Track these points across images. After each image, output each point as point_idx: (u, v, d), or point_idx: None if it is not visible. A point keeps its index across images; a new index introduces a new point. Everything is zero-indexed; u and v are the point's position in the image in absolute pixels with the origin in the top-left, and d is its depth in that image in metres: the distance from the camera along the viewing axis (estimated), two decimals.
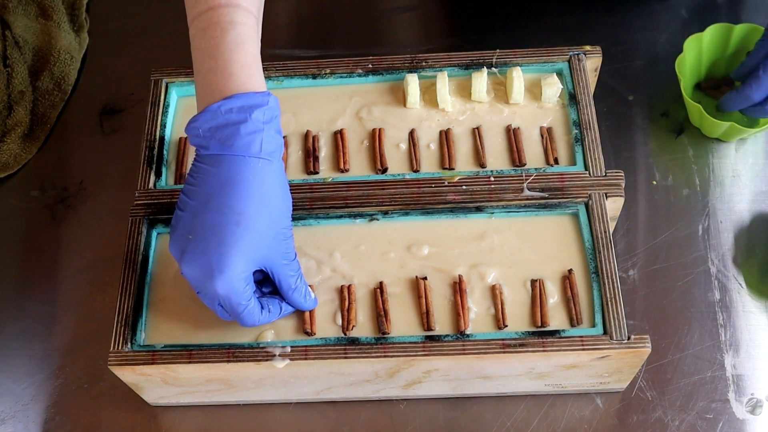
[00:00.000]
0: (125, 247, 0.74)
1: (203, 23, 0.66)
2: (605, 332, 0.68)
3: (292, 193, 0.76)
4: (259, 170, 0.64)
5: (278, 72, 0.82)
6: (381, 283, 0.73)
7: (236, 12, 0.65)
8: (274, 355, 0.69)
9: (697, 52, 0.90)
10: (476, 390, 0.76)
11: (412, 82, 0.80)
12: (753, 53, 0.85)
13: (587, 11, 1.00)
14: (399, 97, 0.82)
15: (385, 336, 0.70)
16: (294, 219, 0.75)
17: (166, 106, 0.82)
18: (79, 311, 0.84)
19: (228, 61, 0.65)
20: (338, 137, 0.80)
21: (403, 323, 0.71)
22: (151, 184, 0.78)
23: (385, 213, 0.76)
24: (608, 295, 0.70)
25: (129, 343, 0.70)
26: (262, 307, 0.68)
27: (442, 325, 0.71)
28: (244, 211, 0.63)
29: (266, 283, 0.71)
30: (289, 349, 0.69)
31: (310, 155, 0.79)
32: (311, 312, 0.71)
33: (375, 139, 0.79)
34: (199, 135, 0.64)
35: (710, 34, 0.90)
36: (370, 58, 0.83)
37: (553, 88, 0.79)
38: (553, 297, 0.71)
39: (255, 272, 0.68)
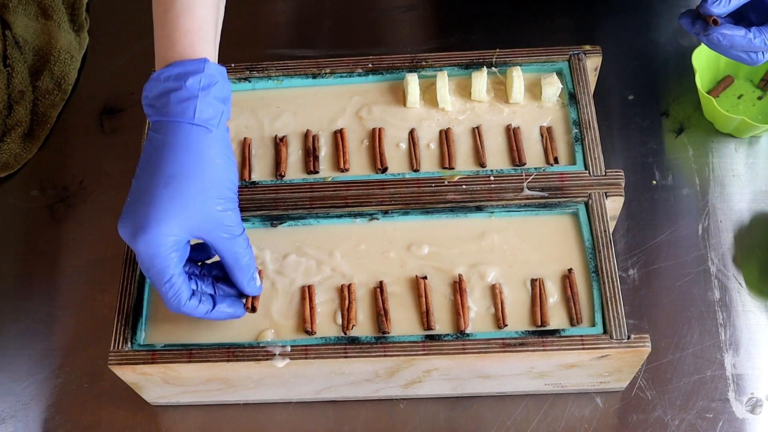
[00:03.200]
0: (125, 247, 0.74)
1: None
2: (605, 331, 0.69)
3: (292, 192, 0.76)
4: (193, 136, 0.64)
5: (278, 72, 0.82)
6: (381, 282, 0.73)
7: None
8: (274, 355, 0.69)
9: None
10: (476, 389, 0.76)
11: (412, 82, 0.80)
12: None
13: (587, 11, 1.00)
14: (399, 96, 0.82)
15: (385, 335, 0.70)
16: (294, 218, 0.76)
17: None
18: (79, 311, 0.84)
19: (173, 27, 0.65)
20: (338, 137, 0.80)
21: (403, 322, 0.71)
22: None
23: (385, 212, 0.76)
24: (608, 295, 0.70)
25: (129, 343, 0.70)
26: (193, 294, 0.66)
27: (442, 324, 0.71)
28: (174, 174, 0.63)
29: (216, 267, 0.70)
30: (289, 349, 0.69)
31: (310, 155, 0.79)
32: (311, 311, 0.71)
33: (375, 138, 0.79)
34: (146, 103, 0.66)
35: None
36: (370, 57, 0.83)
37: (553, 88, 0.80)
38: (553, 296, 0.71)
39: (197, 254, 0.68)
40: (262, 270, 0.74)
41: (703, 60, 0.89)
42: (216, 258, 0.70)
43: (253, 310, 0.71)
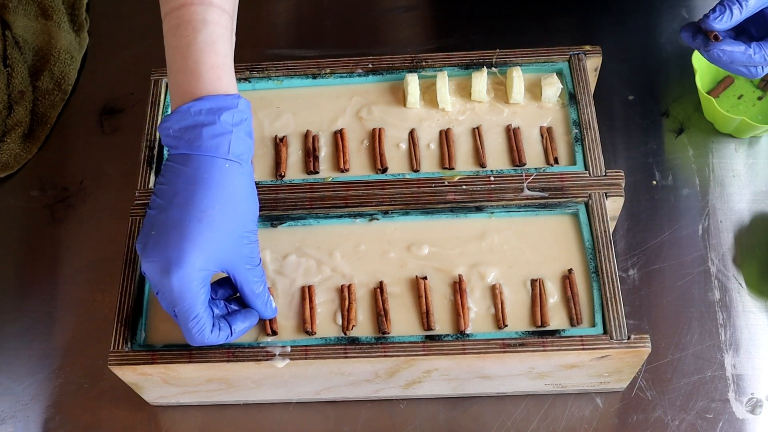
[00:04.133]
0: (125, 247, 0.74)
1: (175, 20, 0.66)
2: (605, 332, 0.69)
3: (292, 192, 0.76)
4: (226, 171, 0.64)
5: (278, 72, 0.82)
6: (381, 282, 0.73)
7: (209, 10, 0.65)
8: (274, 355, 0.69)
9: None
10: (476, 390, 0.76)
11: (412, 82, 0.80)
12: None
13: (587, 11, 1.00)
14: (399, 96, 0.82)
15: (385, 336, 0.70)
16: (294, 219, 0.76)
17: (166, 106, 0.82)
18: (79, 311, 0.84)
19: (198, 62, 0.65)
20: (338, 137, 0.80)
21: (403, 323, 0.71)
22: (151, 184, 0.78)
23: (385, 213, 0.76)
24: (608, 295, 0.70)
25: (129, 343, 0.70)
26: (213, 326, 0.66)
27: (442, 324, 0.71)
28: (208, 209, 0.63)
29: (226, 289, 0.70)
30: (289, 349, 0.69)
31: (310, 155, 0.79)
32: (311, 312, 0.71)
33: (375, 138, 0.79)
34: (169, 135, 0.65)
35: None
36: (370, 58, 0.83)
37: (553, 88, 0.80)
38: (553, 297, 0.71)
39: (218, 289, 0.69)
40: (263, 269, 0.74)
41: (704, 60, 0.89)
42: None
43: (273, 333, 0.71)
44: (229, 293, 0.70)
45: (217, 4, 0.66)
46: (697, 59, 0.88)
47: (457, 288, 0.72)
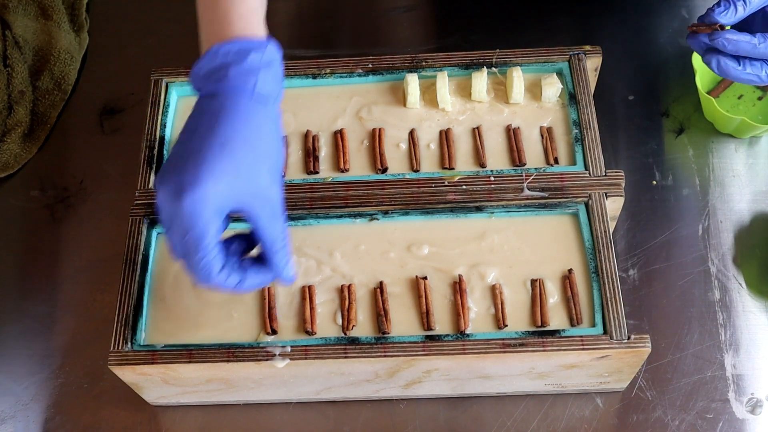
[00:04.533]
0: (125, 247, 0.74)
1: None
2: (605, 332, 0.69)
3: (292, 192, 0.76)
4: (252, 108, 0.63)
5: None
6: (381, 282, 0.73)
7: None
8: (274, 355, 0.69)
9: None
10: (476, 390, 0.76)
11: (412, 82, 0.80)
12: None
13: (587, 11, 1.00)
14: (399, 96, 0.82)
15: (385, 336, 0.70)
16: (294, 219, 0.76)
17: (166, 106, 0.82)
18: (79, 311, 0.84)
19: (227, 10, 0.65)
20: (338, 137, 0.80)
21: (403, 323, 0.71)
22: (151, 184, 0.78)
23: (385, 213, 0.76)
24: (608, 295, 0.70)
25: (129, 343, 0.70)
26: (223, 267, 0.63)
27: (442, 324, 0.71)
28: (229, 140, 0.61)
29: (241, 242, 0.67)
30: (289, 349, 0.69)
31: (310, 155, 0.79)
32: (312, 312, 0.71)
33: (375, 138, 0.79)
34: (199, 77, 0.65)
35: None
36: (370, 57, 0.83)
37: (553, 88, 0.80)
38: (553, 297, 0.71)
39: (232, 243, 0.66)
40: None
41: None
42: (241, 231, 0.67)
43: (273, 333, 0.71)
44: (243, 247, 0.67)
45: None
46: (697, 59, 0.88)
47: (457, 288, 0.72)
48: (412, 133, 0.80)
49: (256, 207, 0.63)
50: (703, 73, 0.89)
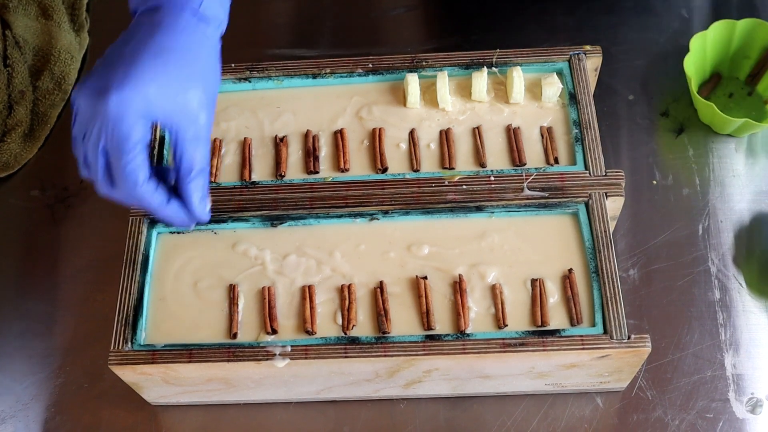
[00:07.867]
0: (125, 247, 0.74)
1: None
2: (605, 332, 0.69)
3: (292, 192, 0.76)
4: (193, 25, 0.61)
5: (278, 72, 0.82)
6: (381, 282, 0.73)
7: None
8: (275, 355, 0.69)
9: (702, 50, 0.90)
10: (476, 389, 0.76)
11: (412, 82, 0.80)
12: None
13: (587, 11, 1.00)
14: (399, 96, 0.82)
15: (386, 335, 0.70)
16: (294, 218, 0.76)
17: None
18: (79, 311, 0.84)
19: None
20: (338, 137, 0.80)
21: (403, 323, 0.71)
22: None
23: (386, 213, 0.76)
24: (608, 295, 0.70)
25: (129, 343, 0.70)
26: (150, 177, 0.60)
27: (442, 324, 0.71)
28: (165, 50, 0.59)
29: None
30: (289, 349, 0.69)
31: (310, 155, 0.79)
32: (312, 311, 0.71)
33: (375, 138, 0.79)
34: None
35: (714, 32, 0.89)
36: (370, 57, 0.83)
37: (554, 88, 0.80)
38: (553, 296, 0.71)
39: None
40: (263, 269, 0.74)
41: (691, 65, 0.89)
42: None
43: (273, 332, 0.71)
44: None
45: None
46: (689, 64, 0.88)
47: (457, 288, 0.72)
48: (412, 133, 0.80)
49: (182, 125, 0.61)
50: (693, 76, 0.89)
